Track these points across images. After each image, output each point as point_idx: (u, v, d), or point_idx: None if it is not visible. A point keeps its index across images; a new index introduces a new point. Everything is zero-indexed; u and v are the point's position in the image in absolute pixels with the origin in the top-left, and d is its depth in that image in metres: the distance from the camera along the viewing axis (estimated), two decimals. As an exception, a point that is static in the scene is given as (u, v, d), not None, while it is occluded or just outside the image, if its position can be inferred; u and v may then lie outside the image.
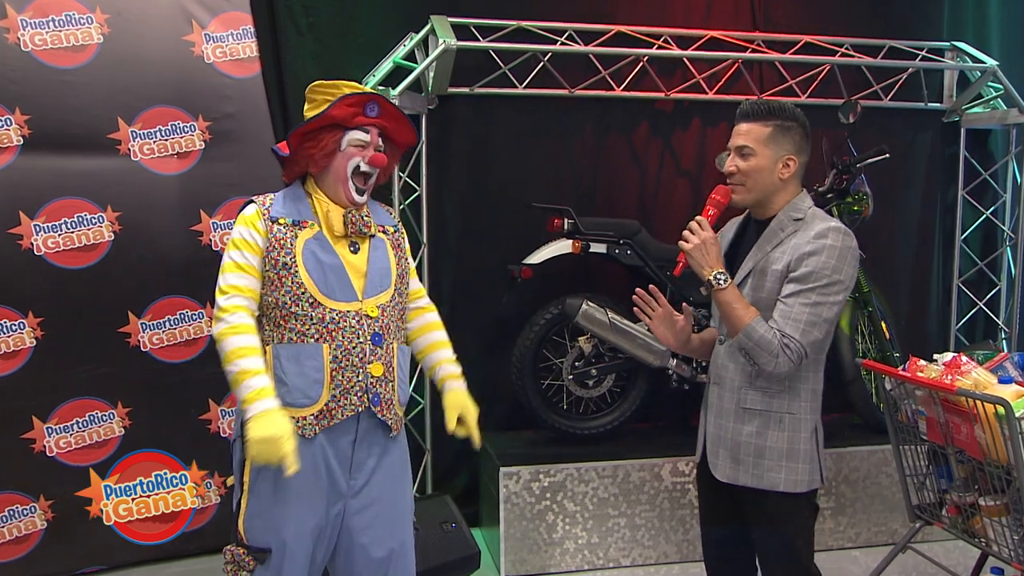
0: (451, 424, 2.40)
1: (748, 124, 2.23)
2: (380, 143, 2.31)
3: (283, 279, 2.20)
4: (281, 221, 2.23)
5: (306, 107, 2.32)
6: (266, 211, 2.24)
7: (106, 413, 3.51)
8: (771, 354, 2.11)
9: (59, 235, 3.41)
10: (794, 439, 2.21)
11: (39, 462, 3.42)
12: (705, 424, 2.38)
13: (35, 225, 3.37)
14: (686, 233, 2.21)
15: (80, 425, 3.47)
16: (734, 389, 2.26)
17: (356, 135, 2.26)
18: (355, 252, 2.28)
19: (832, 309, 2.13)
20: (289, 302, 2.19)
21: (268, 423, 2.07)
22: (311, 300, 2.19)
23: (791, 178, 2.23)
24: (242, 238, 2.21)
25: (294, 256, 2.20)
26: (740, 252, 2.32)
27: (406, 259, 2.44)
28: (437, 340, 2.52)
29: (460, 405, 2.43)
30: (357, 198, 2.28)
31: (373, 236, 2.33)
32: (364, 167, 2.27)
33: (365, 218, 2.29)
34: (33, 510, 3.43)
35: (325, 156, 2.26)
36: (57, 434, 3.44)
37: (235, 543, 2.26)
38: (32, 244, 3.37)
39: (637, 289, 2.37)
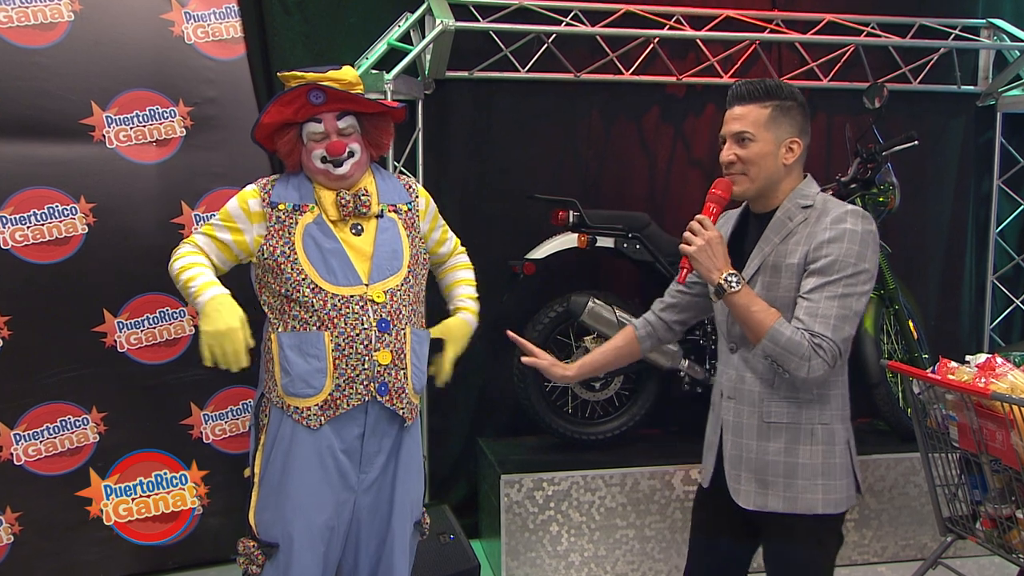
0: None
1: (744, 107, 2.10)
2: (341, 127, 2.31)
3: (283, 267, 2.26)
4: (281, 207, 2.30)
5: None
6: (267, 195, 2.32)
7: (79, 418, 3.47)
8: (802, 357, 1.97)
9: (28, 228, 3.36)
10: (829, 452, 2.09)
11: (6, 472, 3.37)
12: (719, 445, 2.20)
13: (2, 217, 3.33)
14: (687, 235, 2.08)
15: (51, 431, 3.43)
16: (754, 402, 2.12)
17: (310, 128, 2.29)
18: (358, 234, 2.32)
19: (860, 301, 2.02)
20: (291, 289, 2.26)
21: (216, 316, 2.17)
22: (312, 286, 2.25)
23: (795, 163, 2.13)
24: (228, 215, 2.33)
25: (293, 243, 2.26)
26: (742, 250, 2.18)
27: (421, 236, 2.48)
28: (462, 278, 2.76)
29: (447, 329, 2.56)
30: (336, 171, 2.31)
31: (381, 216, 2.35)
32: (329, 158, 2.30)
33: (362, 198, 2.32)
34: (-1, 523, 3.40)
35: (289, 156, 2.34)
36: (26, 441, 3.40)
37: (247, 535, 2.34)
38: (-1, 237, 3.34)
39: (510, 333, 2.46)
